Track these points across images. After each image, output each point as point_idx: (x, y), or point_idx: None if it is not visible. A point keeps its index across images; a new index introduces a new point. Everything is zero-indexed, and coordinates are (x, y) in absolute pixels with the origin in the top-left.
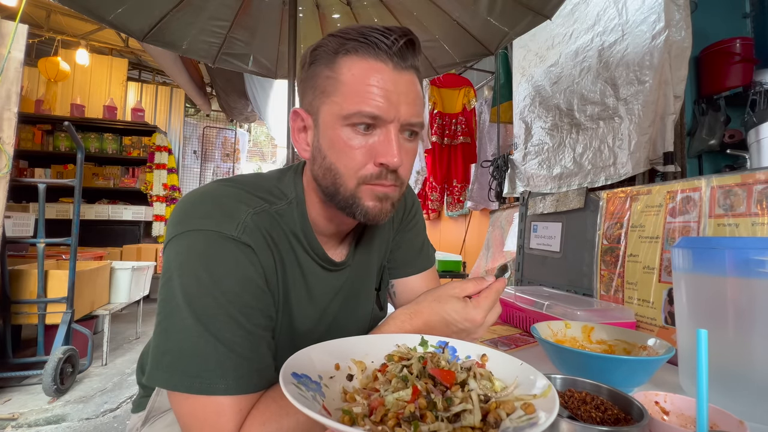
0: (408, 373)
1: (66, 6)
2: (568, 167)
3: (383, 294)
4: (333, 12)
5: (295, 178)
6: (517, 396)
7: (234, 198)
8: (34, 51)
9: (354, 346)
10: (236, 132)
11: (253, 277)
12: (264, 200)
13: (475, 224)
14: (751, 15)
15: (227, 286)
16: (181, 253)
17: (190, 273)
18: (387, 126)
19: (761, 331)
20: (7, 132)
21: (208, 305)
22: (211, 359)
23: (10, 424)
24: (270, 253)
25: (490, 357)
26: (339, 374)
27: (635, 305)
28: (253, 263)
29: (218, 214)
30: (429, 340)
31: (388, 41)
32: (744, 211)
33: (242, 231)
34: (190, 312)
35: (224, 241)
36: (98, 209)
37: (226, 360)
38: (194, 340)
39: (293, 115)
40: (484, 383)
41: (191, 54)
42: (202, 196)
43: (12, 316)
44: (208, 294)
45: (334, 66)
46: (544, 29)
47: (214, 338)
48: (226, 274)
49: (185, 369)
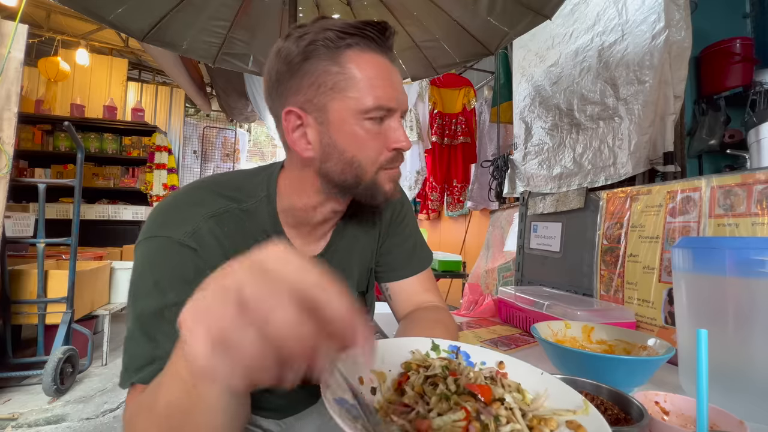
0: (448, 391)
1: (66, 6)
2: (568, 167)
3: (370, 297)
4: (333, 12)
5: (271, 175)
6: (553, 410)
7: (193, 203)
8: (34, 51)
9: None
10: (236, 132)
11: (192, 280)
12: (231, 199)
13: (475, 224)
14: (751, 15)
15: (165, 289)
16: (137, 259)
17: (138, 276)
18: (395, 114)
19: (761, 331)
20: (7, 132)
21: (146, 306)
22: (141, 357)
23: (10, 424)
24: (223, 255)
25: (507, 364)
26: (364, 389)
27: (635, 305)
28: (196, 266)
29: (173, 220)
30: (440, 345)
31: (381, 35)
32: (744, 211)
33: (190, 235)
34: (133, 313)
35: (171, 245)
36: (98, 209)
37: (151, 358)
38: (133, 340)
39: (286, 115)
40: (515, 395)
41: (191, 54)
42: (166, 204)
43: (12, 316)
44: (147, 296)
45: (339, 60)
46: (544, 29)
47: (146, 338)
48: (166, 278)
49: (126, 365)
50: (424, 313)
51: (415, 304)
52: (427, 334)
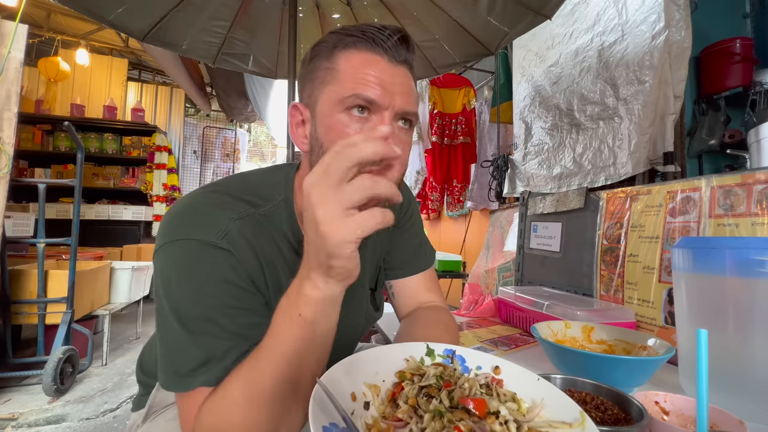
0: (441, 407)
1: (66, 6)
2: (568, 167)
3: (379, 294)
4: (333, 12)
5: (287, 177)
6: (549, 422)
7: (216, 206)
8: (34, 51)
9: (363, 364)
10: (236, 132)
11: (233, 280)
12: (250, 204)
13: (475, 224)
14: (751, 15)
15: (207, 291)
16: (166, 264)
17: (174, 282)
18: (382, 113)
19: (761, 331)
20: (7, 132)
21: (190, 312)
22: (194, 360)
23: (10, 424)
24: (254, 256)
25: (503, 369)
26: (357, 406)
27: (635, 305)
28: (233, 266)
29: (199, 223)
30: (435, 349)
31: (383, 36)
32: (744, 211)
33: (222, 237)
34: (176, 318)
35: (204, 248)
36: (98, 209)
37: (205, 359)
38: (180, 343)
39: (292, 109)
40: (510, 405)
41: (191, 54)
42: (185, 207)
43: (12, 316)
44: (189, 300)
45: (332, 58)
46: (544, 29)
47: (195, 340)
48: (206, 280)
49: (176, 369)
50: (425, 313)
51: (417, 303)
52: (427, 334)
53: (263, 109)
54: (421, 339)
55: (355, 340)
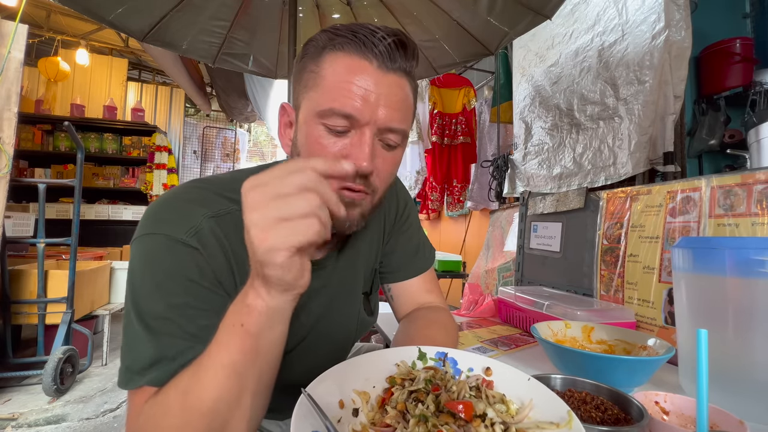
0: (427, 412)
1: (66, 6)
2: (568, 167)
3: (374, 298)
4: (333, 12)
5: None
6: (537, 423)
7: (194, 201)
8: (34, 51)
9: (352, 371)
10: (236, 132)
11: (196, 279)
12: (232, 200)
13: (475, 224)
14: (751, 15)
15: (169, 288)
16: (134, 257)
17: (138, 276)
18: (362, 128)
19: (761, 331)
20: (7, 132)
21: (149, 308)
22: (146, 357)
23: (10, 424)
24: (224, 255)
25: (494, 370)
26: (345, 413)
27: (635, 305)
28: (198, 265)
29: (173, 218)
30: (427, 353)
31: (375, 39)
32: (744, 211)
33: (192, 234)
34: (135, 313)
35: (171, 244)
36: (98, 209)
37: (157, 358)
38: (136, 339)
39: (281, 110)
40: (499, 407)
41: (191, 54)
42: (164, 201)
43: (12, 316)
44: (150, 297)
45: (318, 61)
46: (544, 29)
47: (151, 338)
48: (169, 277)
49: (128, 365)
50: (424, 313)
51: (416, 305)
52: (426, 334)
53: (263, 109)
54: (419, 339)
55: (347, 345)
